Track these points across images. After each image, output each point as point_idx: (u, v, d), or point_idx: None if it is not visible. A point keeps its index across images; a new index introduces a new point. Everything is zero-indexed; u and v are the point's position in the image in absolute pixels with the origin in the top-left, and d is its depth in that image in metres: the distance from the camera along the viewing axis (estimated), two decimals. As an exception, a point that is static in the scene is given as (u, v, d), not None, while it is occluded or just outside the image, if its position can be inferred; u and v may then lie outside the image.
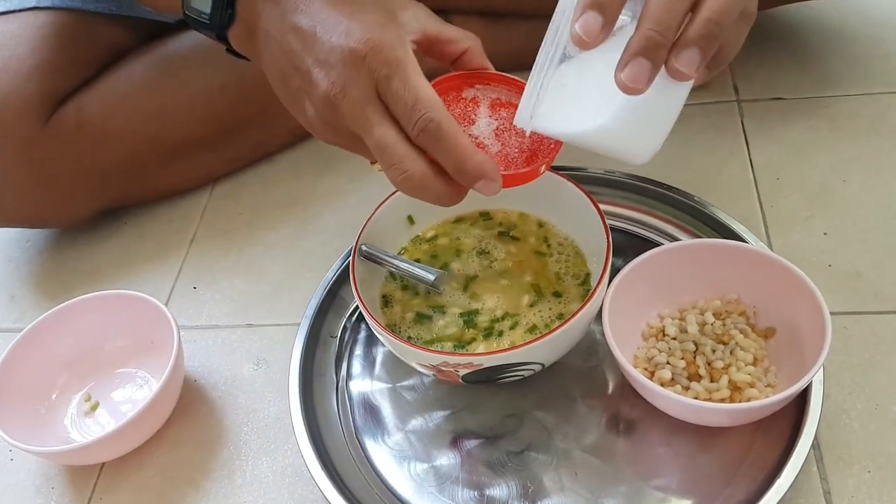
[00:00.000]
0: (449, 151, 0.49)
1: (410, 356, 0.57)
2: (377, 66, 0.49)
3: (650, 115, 0.50)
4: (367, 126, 0.50)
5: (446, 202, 0.52)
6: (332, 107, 0.50)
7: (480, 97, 0.56)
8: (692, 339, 0.59)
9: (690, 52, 0.46)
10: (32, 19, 0.77)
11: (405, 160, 0.49)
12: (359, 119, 0.50)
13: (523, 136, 0.54)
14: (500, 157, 0.53)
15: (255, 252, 0.80)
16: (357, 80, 0.49)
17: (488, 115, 0.55)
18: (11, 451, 0.68)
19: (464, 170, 0.49)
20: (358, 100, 0.49)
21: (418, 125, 0.48)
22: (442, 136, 0.48)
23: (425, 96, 0.49)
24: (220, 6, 0.57)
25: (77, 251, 0.85)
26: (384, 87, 0.49)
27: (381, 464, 0.60)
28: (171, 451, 0.66)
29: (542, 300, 0.61)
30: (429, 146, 0.49)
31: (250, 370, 0.70)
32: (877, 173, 0.73)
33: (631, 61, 0.46)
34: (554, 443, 0.59)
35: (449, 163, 0.49)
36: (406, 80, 0.49)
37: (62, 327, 0.69)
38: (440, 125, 0.48)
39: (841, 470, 0.55)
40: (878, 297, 0.64)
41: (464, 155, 0.49)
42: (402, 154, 0.49)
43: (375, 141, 0.50)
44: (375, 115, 0.49)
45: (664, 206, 0.71)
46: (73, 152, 0.77)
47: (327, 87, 0.50)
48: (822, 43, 0.86)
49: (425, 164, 0.50)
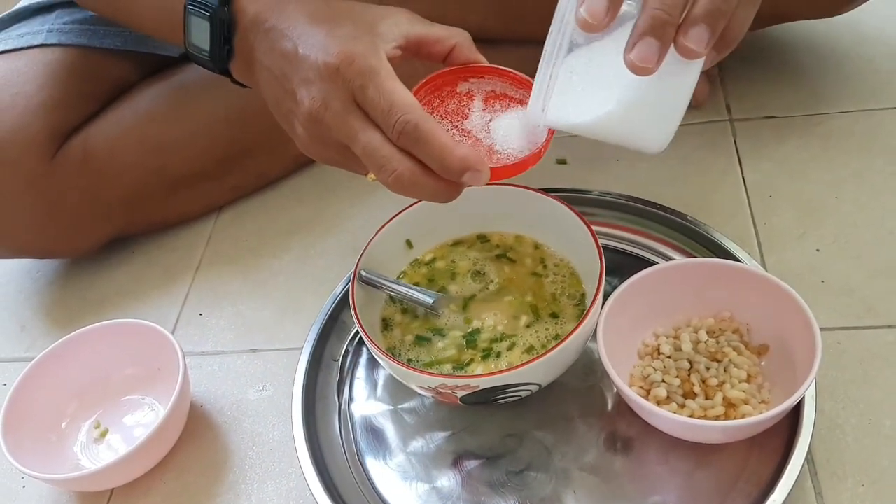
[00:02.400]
0: (429, 150, 0.50)
1: (409, 379, 0.59)
2: (351, 76, 0.51)
3: (661, 99, 0.50)
4: (352, 135, 0.51)
5: (443, 198, 0.53)
6: (317, 121, 0.52)
7: (475, 91, 0.57)
8: (686, 357, 0.60)
9: (698, 29, 0.47)
10: (40, 56, 0.79)
11: (392, 161, 0.50)
12: (343, 129, 0.51)
13: (517, 127, 0.54)
14: (493, 150, 0.54)
15: (259, 278, 0.82)
16: (335, 93, 0.51)
17: (482, 109, 0.56)
18: (23, 479, 0.70)
19: (447, 166, 0.50)
20: (339, 111, 0.51)
21: (396, 128, 0.50)
22: (420, 136, 0.49)
23: (399, 100, 0.50)
24: (217, 43, 0.59)
25: (86, 280, 0.86)
26: (360, 96, 0.51)
27: (384, 485, 0.61)
28: (178, 476, 0.67)
29: (539, 321, 0.62)
30: (410, 147, 0.50)
31: (255, 395, 0.71)
32: (869, 190, 0.74)
33: (639, 41, 0.46)
34: (553, 462, 0.60)
35: (432, 161, 0.50)
36: (380, 86, 0.50)
37: (71, 356, 0.71)
38: (417, 126, 0.49)
39: (835, 485, 0.56)
40: (871, 312, 0.65)
41: (444, 151, 0.49)
42: (388, 155, 0.50)
43: (362, 147, 0.51)
44: (357, 123, 0.51)
45: (658, 226, 0.72)
46: (80, 185, 0.79)
47: (310, 104, 0.52)
48: (813, 61, 0.88)
49: (412, 162, 0.51)
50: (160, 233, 0.89)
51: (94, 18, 0.82)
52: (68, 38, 0.80)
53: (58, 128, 0.78)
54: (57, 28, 0.80)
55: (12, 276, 0.90)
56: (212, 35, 0.59)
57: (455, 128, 0.55)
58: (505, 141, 0.54)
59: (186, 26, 0.60)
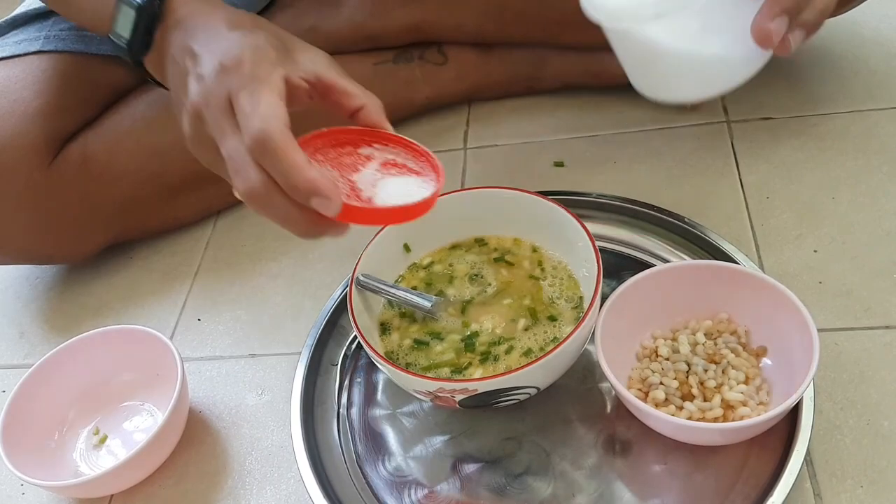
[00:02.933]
0: (278, 164, 0.48)
1: (407, 383, 0.59)
2: (235, 79, 0.50)
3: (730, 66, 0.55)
4: (222, 136, 0.50)
5: (301, 228, 0.51)
6: (197, 117, 0.52)
7: (375, 156, 0.55)
8: (685, 359, 0.60)
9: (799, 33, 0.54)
10: (36, 63, 0.79)
11: (246, 171, 0.49)
12: (215, 129, 0.51)
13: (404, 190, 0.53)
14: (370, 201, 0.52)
15: (257, 283, 0.82)
16: (216, 91, 0.51)
17: (376, 170, 0.54)
18: (23, 486, 0.70)
19: (293, 184, 0.48)
20: (216, 110, 0.51)
21: (249, 134, 0.48)
22: (270, 147, 0.48)
23: (264, 109, 0.49)
24: (139, 33, 0.59)
25: (84, 287, 0.86)
26: (234, 99, 0.50)
27: (383, 490, 0.61)
28: (177, 482, 0.67)
29: (537, 324, 0.63)
30: (259, 156, 0.48)
31: (254, 400, 0.72)
32: (866, 190, 0.74)
33: (779, 16, 0.52)
34: (552, 465, 0.60)
35: (279, 175, 0.48)
36: (253, 92, 0.49)
37: (70, 363, 0.71)
38: (270, 136, 0.48)
39: (834, 486, 0.56)
40: (869, 312, 0.65)
41: (293, 169, 0.48)
42: (245, 165, 0.49)
43: (226, 151, 0.50)
44: (228, 125, 0.50)
45: (655, 228, 0.72)
46: (78, 191, 0.79)
47: (195, 98, 0.52)
48: (809, 62, 0.88)
49: (266, 177, 0.49)
50: (158, 238, 0.89)
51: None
52: (65, 44, 0.80)
53: (55, 134, 0.78)
54: (54, 34, 0.80)
55: (11, 283, 0.90)
56: (135, 24, 0.59)
57: (342, 176, 0.53)
58: (388, 196, 0.52)
59: (115, 14, 0.60)
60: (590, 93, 0.90)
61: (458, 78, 0.92)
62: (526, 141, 0.89)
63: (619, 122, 0.87)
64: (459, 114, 0.94)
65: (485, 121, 0.93)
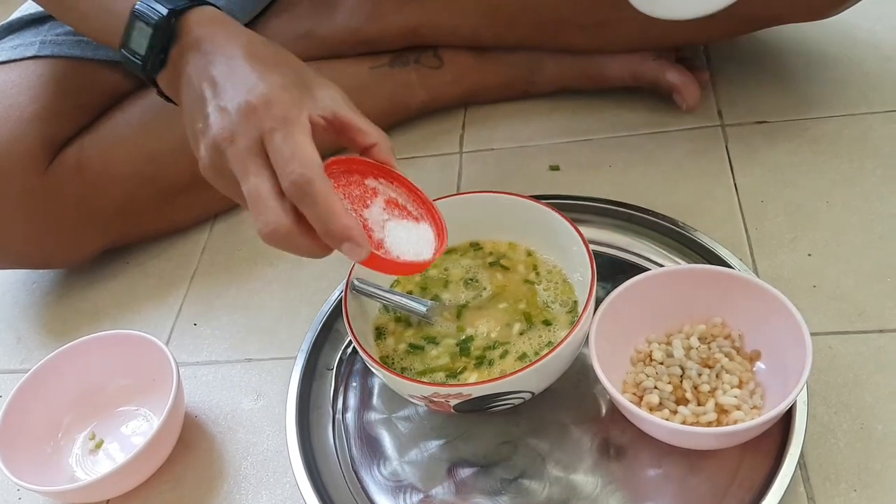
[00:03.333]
0: (317, 210, 0.50)
1: (402, 388, 0.59)
2: (267, 120, 0.51)
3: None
4: (246, 175, 0.51)
5: (312, 255, 0.53)
6: (219, 151, 0.52)
7: (380, 190, 0.57)
8: (678, 364, 0.60)
9: None
10: (32, 68, 0.79)
11: (273, 212, 0.50)
12: (239, 166, 0.51)
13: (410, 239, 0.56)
14: (381, 244, 0.55)
15: (253, 287, 0.82)
16: (245, 131, 0.51)
17: (382, 208, 0.56)
18: (19, 491, 0.70)
19: (330, 230, 0.50)
20: (242, 148, 0.51)
21: (290, 178, 0.49)
22: (311, 192, 0.49)
23: (303, 153, 0.50)
24: (154, 51, 0.59)
25: (81, 291, 0.86)
26: (268, 140, 0.51)
27: (378, 494, 0.61)
28: (173, 487, 0.67)
29: (531, 328, 0.63)
30: (298, 200, 0.50)
31: (249, 404, 0.72)
32: (860, 194, 0.74)
33: None
34: (547, 469, 0.60)
35: (316, 220, 0.50)
36: (289, 136, 0.50)
37: (66, 368, 0.71)
38: (312, 181, 0.49)
39: (827, 489, 0.56)
40: (863, 316, 0.65)
41: (332, 214, 0.49)
42: (271, 206, 0.50)
43: (248, 189, 0.51)
44: (254, 166, 0.51)
45: (650, 232, 0.72)
46: (74, 196, 0.79)
47: (217, 132, 0.52)
48: (803, 65, 0.88)
49: (292, 219, 0.50)
50: (155, 243, 0.89)
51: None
52: (61, 49, 0.80)
53: (52, 139, 0.78)
54: (50, 39, 0.81)
55: (8, 288, 0.90)
56: (151, 42, 0.59)
57: (354, 210, 0.55)
58: (396, 243, 0.55)
59: (128, 29, 0.60)
60: (585, 96, 0.90)
61: (454, 82, 0.92)
62: (521, 145, 0.89)
63: (614, 126, 0.87)
64: (455, 117, 0.94)
65: (480, 124, 0.93)
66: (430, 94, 0.92)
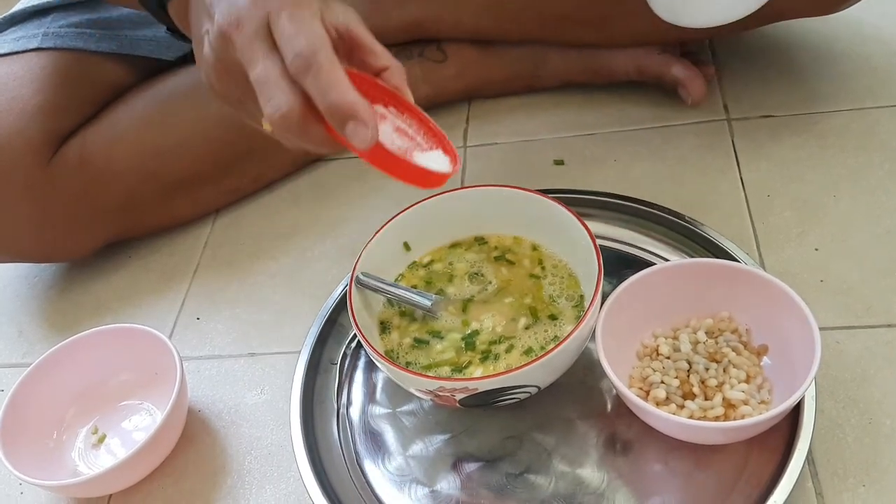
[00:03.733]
0: (319, 80, 0.47)
1: (407, 382, 0.58)
2: (273, 3, 0.49)
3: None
4: (253, 59, 0.49)
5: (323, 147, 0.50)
6: (225, 39, 0.50)
7: (388, 118, 0.53)
8: (685, 358, 0.60)
9: None
10: (35, 60, 0.79)
11: (281, 94, 0.48)
12: (246, 52, 0.49)
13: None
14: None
15: (256, 281, 0.82)
16: (252, 15, 0.49)
17: (392, 133, 0.52)
18: (21, 485, 0.69)
19: (333, 101, 0.47)
20: (249, 33, 0.49)
21: (294, 52, 0.47)
22: (314, 61, 0.47)
23: (309, 30, 0.48)
24: None
25: (83, 285, 0.86)
26: (274, 21, 0.49)
27: (382, 489, 0.61)
28: (176, 481, 0.67)
29: (537, 323, 0.62)
30: (302, 74, 0.47)
31: (253, 399, 0.71)
32: (867, 188, 0.74)
33: None
34: (553, 464, 0.60)
35: (318, 93, 0.47)
36: (295, 14, 0.48)
37: (69, 362, 0.70)
38: (315, 51, 0.47)
39: (835, 485, 0.56)
40: (870, 311, 0.65)
41: (335, 84, 0.46)
42: (281, 87, 0.48)
43: (256, 74, 0.48)
44: (261, 50, 0.49)
45: (656, 227, 0.72)
46: (76, 189, 0.79)
47: (223, 19, 0.50)
48: (810, 59, 0.88)
49: (302, 101, 0.48)
50: (157, 237, 0.89)
51: (89, 22, 0.82)
52: (64, 41, 0.80)
53: (54, 132, 0.78)
54: (53, 32, 0.80)
55: (9, 282, 0.89)
56: None
57: None
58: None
59: None
60: (590, 90, 0.90)
61: (458, 76, 0.92)
62: (526, 139, 0.89)
63: (619, 120, 0.87)
64: (459, 112, 0.94)
65: (484, 119, 0.92)
66: (434, 88, 0.92)
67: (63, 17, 0.82)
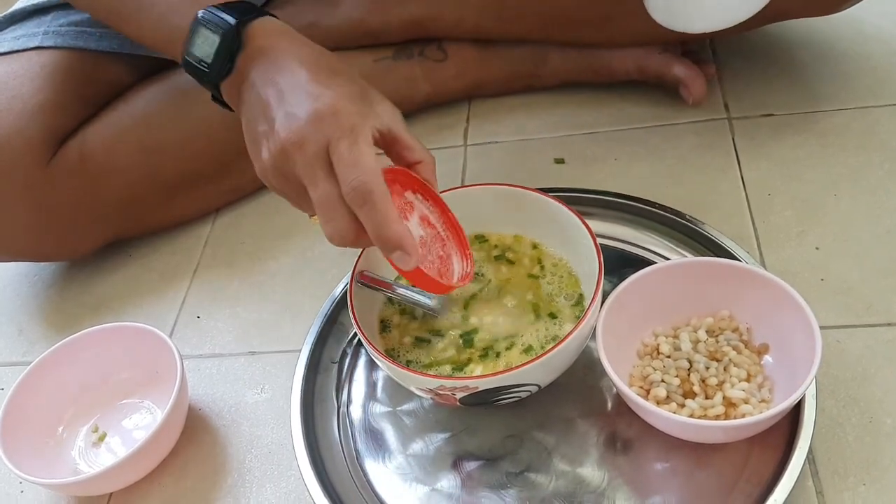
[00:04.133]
0: (373, 215, 0.52)
1: (408, 381, 0.58)
2: (334, 128, 0.53)
3: None
4: (314, 180, 0.53)
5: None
6: (286, 155, 0.54)
7: (416, 205, 0.60)
8: (686, 357, 0.60)
9: None
10: (35, 59, 0.79)
11: (343, 219, 0.53)
12: (307, 172, 0.54)
13: (438, 258, 0.59)
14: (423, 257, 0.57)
15: (256, 280, 0.82)
16: (314, 137, 0.53)
17: (417, 223, 0.59)
18: (22, 484, 0.69)
19: (385, 236, 0.52)
20: (310, 154, 0.53)
21: (351, 184, 0.52)
22: (370, 198, 0.52)
23: (365, 162, 0.52)
24: (221, 59, 0.60)
25: (83, 284, 0.86)
26: (333, 147, 0.53)
27: (383, 487, 0.61)
28: (177, 480, 0.67)
29: (538, 321, 0.62)
30: (358, 206, 0.52)
31: (253, 397, 0.71)
32: (867, 187, 0.74)
33: None
34: (553, 463, 0.60)
35: (371, 225, 0.52)
36: (353, 144, 0.53)
37: (69, 360, 0.70)
38: (371, 188, 0.52)
39: (836, 483, 0.56)
40: (871, 310, 0.65)
41: (387, 220, 0.52)
42: (341, 213, 0.53)
43: (318, 195, 0.53)
44: (322, 172, 0.53)
45: (656, 225, 0.72)
46: (77, 188, 0.79)
47: (286, 136, 0.54)
48: (811, 58, 0.88)
49: (358, 226, 0.53)
50: (157, 236, 0.89)
51: (90, 21, 0.82)
52: (64, 40, 0.80)
53: (54, 131, 0.78)
54: (53, 30, 0.80)
55: (10, 281, 0.89)
56: (218, 50, 0.60)
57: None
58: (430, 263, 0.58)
59: (191, 37, 0.61)
60: (590, 89, 0.90)
61: (459, 75, 0.92)
62: (526, 138, 0.89)
63: (619, 119, 0.87)
64: (459, 111, 0.94)
65: (485, 118, 0.92)
66: (434, 87, 0.92)
67: (63, 15, 0.82)
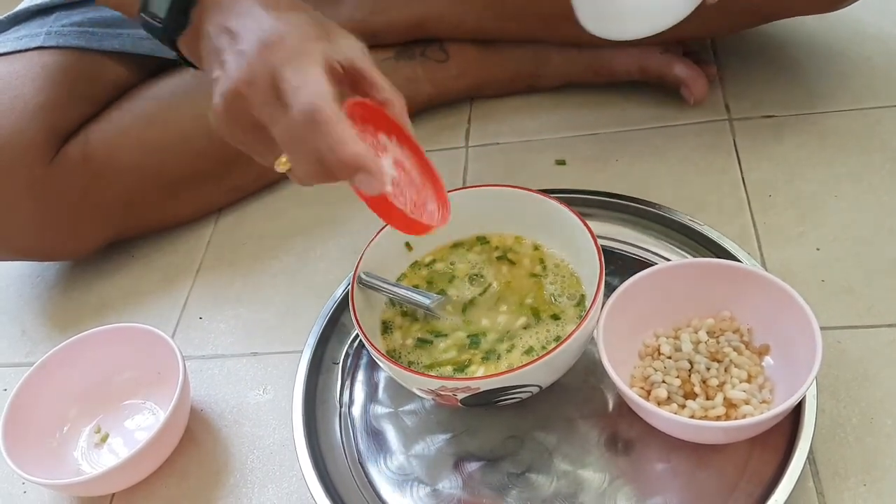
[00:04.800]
0: (325, 137, 0.48)
1: (409, 381, 0.59)
2: (279, 54, 0.50)
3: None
4: (272, 116, 0.50)
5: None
6: (237, 96, 0.51)
7: (390, 148, 0.56)
8: (687, 358, 0.60)
9: None
10: (37, 59, 0.79)
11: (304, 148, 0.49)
12: (264, 109, 0.50)
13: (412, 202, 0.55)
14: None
15: (259, 281, 0.82)
16: (262, 69, 0.50)
17: (391, 166, 0.55)
18: (24, 484, 0.70)
19: (340, 157, 0.48)
20: (262, 88, 0.50)
21: (297, 108, 0.48)
22: (318, 118, 0.48)
23: (312, 83, 0.49)
24: (174, 12, 0.58)
25: (86, 284, 0.86)
26: (279, 75, 0.50)
27: (384, 488, 0.61)
28: (179, 480, 0.67)
29: (539, 322, 0.62)
30: (308, 131, 0.48)
31: (255, 398, 0.71)
32: (868, 188, 0.74)
33: None
34: (554, 463, 0.60)
35: (326, 149, 0.48)
36: (299, 68, 0.49)
37: (71, 361, 0.71)
38: (319, 108, 0.48)
39: (837, 484, 0.56)
40: (871, 311, 0.65)
41: (342, 140, 0.48)
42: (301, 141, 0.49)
43: (279, 132, 0.50)
44: (277, 109, 0.50)
45: (657, 226, 0.72)
46: (79, 187, 0.79)
47: (236, 75, 0.51)
48: (811, 59, 0.88)
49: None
50: (160, 236, 0.89)
51: (92, 21, 0.82)
52: (66, 40, 0.80)
53: (56, 130, 0.78)
54: (55, 30, 0.80)
55: (12, 281, 0.89)
56: (171, 4, 0.58)
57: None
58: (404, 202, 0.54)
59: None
60: (591, 90, 0.90)
61: (460, 75, 0.92)
62: (527, 139, 0.89)
63: (620, 120, 0.87)
64: (461, 111, 0.94)
65: (486, 118, 0.93)
66: (436, 87, 0.92)
67: (66, 15, 0.82)
